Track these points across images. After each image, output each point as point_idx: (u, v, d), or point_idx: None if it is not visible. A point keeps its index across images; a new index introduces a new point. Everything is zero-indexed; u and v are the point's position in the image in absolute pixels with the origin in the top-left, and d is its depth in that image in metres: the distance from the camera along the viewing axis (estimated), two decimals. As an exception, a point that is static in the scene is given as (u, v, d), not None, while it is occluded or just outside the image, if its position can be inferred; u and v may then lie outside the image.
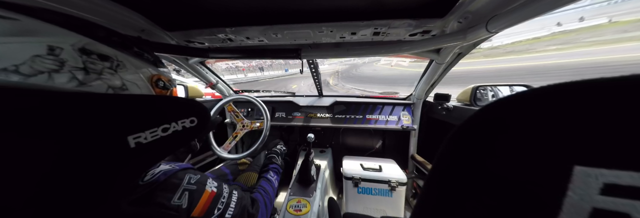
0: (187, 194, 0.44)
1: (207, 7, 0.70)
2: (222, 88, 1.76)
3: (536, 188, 0.15)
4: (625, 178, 0.12)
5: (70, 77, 0.28)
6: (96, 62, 0.31)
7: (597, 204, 0.13)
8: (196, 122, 0.41)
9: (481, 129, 0.18)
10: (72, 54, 0.28)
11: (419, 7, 0.69)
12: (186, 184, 0.46)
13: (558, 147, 0.14)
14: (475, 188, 0.18)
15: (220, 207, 0.49)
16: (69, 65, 0.28)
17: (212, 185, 0.51)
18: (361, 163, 1.45)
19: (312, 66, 1.46)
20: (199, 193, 0.46)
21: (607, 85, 0.13)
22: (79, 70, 0.29)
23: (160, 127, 0.35)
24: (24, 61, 0.25)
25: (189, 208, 0.43)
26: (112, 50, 0.34)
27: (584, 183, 0.13)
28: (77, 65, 0.28)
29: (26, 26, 0.26)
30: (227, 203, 0.52)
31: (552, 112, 0.15)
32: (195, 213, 0.44)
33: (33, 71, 0.25)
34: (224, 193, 0.53)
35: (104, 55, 0.32)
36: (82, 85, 0.29)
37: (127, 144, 0.30)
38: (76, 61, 0.28)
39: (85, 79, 0.29)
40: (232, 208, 0.52)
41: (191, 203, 0.44)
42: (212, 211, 0.47)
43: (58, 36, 0.28)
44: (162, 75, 0.43)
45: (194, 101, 0.43)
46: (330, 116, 1.71)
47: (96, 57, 0.31)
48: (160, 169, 0.47)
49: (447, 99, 1.46)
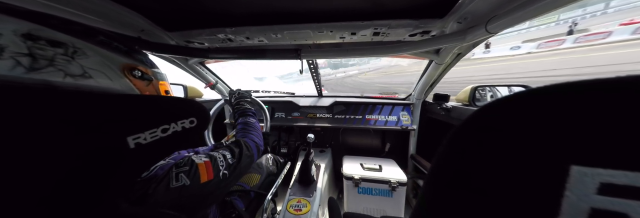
0: (183, 174, 0.47)
1: (207, 7, 0.70)
2: (222, 88, 1.76)
3: (534, 188, 0.15)
4: (621, 177, 0.12)
5: (14, 63, 0.27)
6: (45, 47, 0.29)
7: (595, 204, 0.13)
8: (196, 123, 0.41)
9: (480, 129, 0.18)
10: (13, 39, 0.27)
11: (418, 7, 0.69)
12: (176, 169, 0.48)
13: (555, 146, 0.14)
14: (475, 189, 0.18)
15: (222, 164, 0.55)
16: (10, 51, 0.27)
17: (201, 157, 0.55)
18: (361, 163, 1.45)
19: (312, 66, 1.46)
20: (195, 169, 0.49)
21: (604, 86, 0.13)
22: (24, 56, 0.27)
23: (160, 127, 0.35)
24: None
25: (194, 181, 0.47)
26: (67, 37, 0.32)
27: (581, 183, 0.13)
28: (20, 51, 0.27)
29: None
30: (225, 159, 0.58)
31: (549, 112, 0.15)
32: (204, 180, 0.48)
33: None
34: (218, 155, 0.57)
35: (54, 41, 0.31)
36: (31, 72, 0.28)
37: (126, 145, 0.30)
38: (19, 47, 0.27)
39: (33, 65, 0.28)
40: (230, 158, 0.59)
41: (193, 178, 0.47)
42: (218, 169, 0.53)
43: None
44: (137, 65, 0.42)
45: (193, 101, 0.43)
46: (330, 116, 1.71)
47: (45, 42, 0.29)
48: (157, 164, 0.49)
49: (446, 99, 1.46)
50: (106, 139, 0.29)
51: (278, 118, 1.79)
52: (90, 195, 0.29)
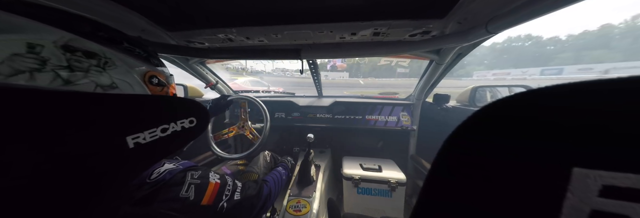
0: (193, 187, 0.47)
1: (207, 7, 0.70)
2: (222, 88, 1.76)
3: (536, 190, 0.15)
4: (624, 180, 0.12)
5: (54, 76, 0.26)
6: (81, 59, 0.29)
7: (596, 206, 0.13)
8: (195, 123, 0.41)
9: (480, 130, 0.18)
10: (54, 52, 0.27)
11: (418, 7, 0.69)
12: (190, 179, 0.48)
13: (557, 148, 0.14)
14: (475, 190, 0.18)
15: (227, 194, 0.54)
16: (51, 64, 0.26)
17: (215, 177, 0.55)
18: (361, 163, 1.45)
19: (312, 66, 1.46)
20: (204, 186, 0.49)
21: (606, 86, 0.13)
22: (63, 69, 0.27)
23: (160, 127, 0.35)
24: (2, 60, 0.23)
25: (197, 199, 0.47)
26: (98, 47, 0.32)
27: (583, 185, 0.13)
28: (61, 64, 0.27)
29: (4, 22, 0.24)
30: (233, 190, 0.57)
31: (550, 112, 0.15)
32: (204, 202, 0.48)
33: (12, 71, 0.24)
34: (229, 182, 0.57)
35: (89, 52, 0.30)
36: (67, 84, 0.27)
37: (126, 145, 0.30)
38: (59, 59, 0.27)
39: (70, 77, 0.28)
40: (238, 192, 0.58)
41: (198, 195, 0.47)
42: (221, 197, 0.52)
43: (38, 33, 0.26)
44: (156, 72, 0.42)
45: (193, 101, 0.43)
46: (330, 116, 1.71)
47: (81, 54, 0.29)
48: (166, 168, 0.48)
49: (447, 99, 1.46)
50: (106, 139, 0.29)
51: (278, 119, 1.79)
52: (91, 195, 0.29)
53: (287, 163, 1.14)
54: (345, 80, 34.42)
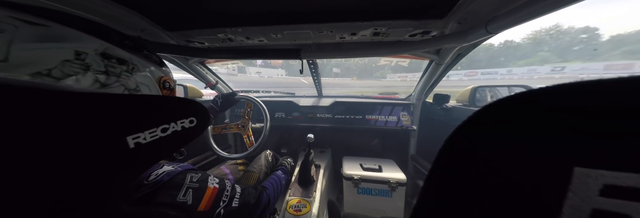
0: (191, 192, 0.47)
1: (207, 7, 0.70)
2: (222, 88, 1.76)
3: (537, 189, 0.15)
4: (625, 179, 0.12)
5: (94, 79, 0.30)
6: (116, 65, 0.33)
7: (597, 205, 0.13)
8: (195, 123, 0.41)
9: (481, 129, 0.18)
10: (95, 59, 0.31)
11: (418, 7, 0.69)
12: (189, 183, 0.48)
13: (558, 148, 0.14)
14: (475, 189, 0.18)
15: (225, 200, 0.53)
16: (93, 69, 0.30)
17: (214, 181, 0.54)
18: (361, 163, 1.44)
19: (312, 66, 1.46)
20: (203, 190, 0.49)
21: (608, 87, 0.13)
22: (102, 74, 0.31)
23: (160, 127, 0.35)
24: (55, 65, 0.27)
25: (194, 204, 0.46)
26: (127, 54, 0.36)
27: (584, 185, 0.13)
28: (100, 69, 0.31)
29: (55, 32, 0.28)
30: (232, 196, 0.56)
31: (551, 112, 0.15)
32: (201, 208, 0.47)
33: (63, 74, 0.27)
34: (227, 187, 0.56)
35: (121, 59, 0.35)
36: (103, 87, 0.31)
37: (126, 145, 0.30)
38: (99, 65, 0.31)
39: (106, 81, 0.31)
40: (237, 199, 0.57)
41: (196, 200, 0.46)
42: (218, 204, 0.51)
43: (82, 42, 0.30)
44: (168, 77, 0.45)
45: (193, 101, 0.43)
46: (330, 116, 1.71)
47: (115, 61, 0.33)
48: (164, 170, 0.48)
49: (447, 99, 1.46)
50: (106, 139, 0.29)
51: (278, 119, 1.79)
52: (91, 195, 0.28)
53: (287, 166, 1.14)
54: (284, 79, 33.56)
